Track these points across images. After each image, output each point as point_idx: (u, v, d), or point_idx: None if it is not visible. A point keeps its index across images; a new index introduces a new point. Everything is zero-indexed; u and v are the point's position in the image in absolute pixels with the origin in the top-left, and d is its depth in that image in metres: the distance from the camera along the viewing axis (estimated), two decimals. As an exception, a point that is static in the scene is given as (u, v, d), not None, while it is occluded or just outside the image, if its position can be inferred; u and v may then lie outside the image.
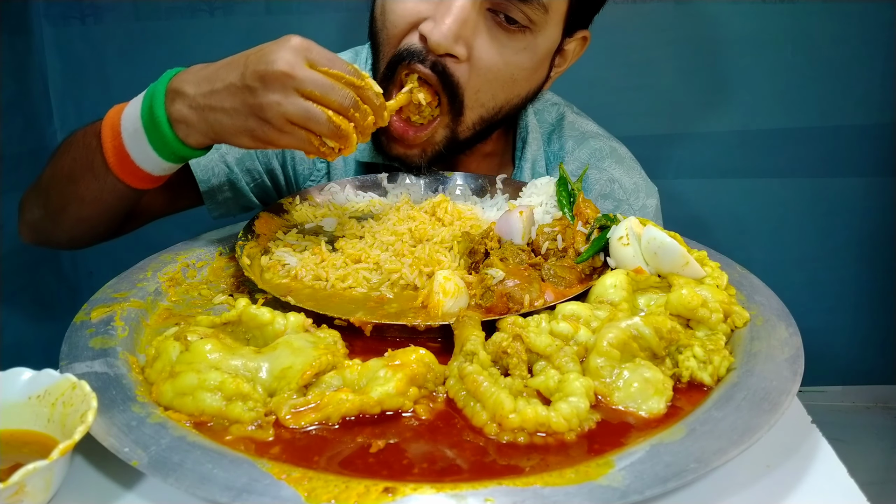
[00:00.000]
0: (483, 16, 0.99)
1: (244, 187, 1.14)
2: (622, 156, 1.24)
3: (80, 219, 1.03)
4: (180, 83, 0.87)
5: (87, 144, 0.96)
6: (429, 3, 0.98)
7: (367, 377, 0.66)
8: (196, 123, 0.86)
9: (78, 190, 0.98)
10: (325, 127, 0.83)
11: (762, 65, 1.96)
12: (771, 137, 2.03)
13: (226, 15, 1.85)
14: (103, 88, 1.87)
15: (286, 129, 0.83)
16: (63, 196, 1.01)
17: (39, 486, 0.54)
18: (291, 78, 0.81)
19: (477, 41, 0.99)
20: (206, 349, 0.66)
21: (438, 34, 0.96)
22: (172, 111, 0.87)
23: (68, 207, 1.02)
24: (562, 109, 1.27)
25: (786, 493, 0.59)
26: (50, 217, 1.05)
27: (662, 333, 0.70)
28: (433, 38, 0.96)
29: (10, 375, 0.62)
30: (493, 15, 0.99)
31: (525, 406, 0.62)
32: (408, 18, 1.00)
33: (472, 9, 0.97)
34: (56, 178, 1.02)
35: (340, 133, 0.84)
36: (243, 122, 0.84)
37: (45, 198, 1.05)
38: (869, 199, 2.10)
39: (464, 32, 0.97)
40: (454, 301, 0.81)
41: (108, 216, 1.03)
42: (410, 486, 0.54)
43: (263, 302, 0.76)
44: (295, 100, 0.82)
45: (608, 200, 1.19)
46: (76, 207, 1.01)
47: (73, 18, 1.84)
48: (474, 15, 0.98)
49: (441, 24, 0.96)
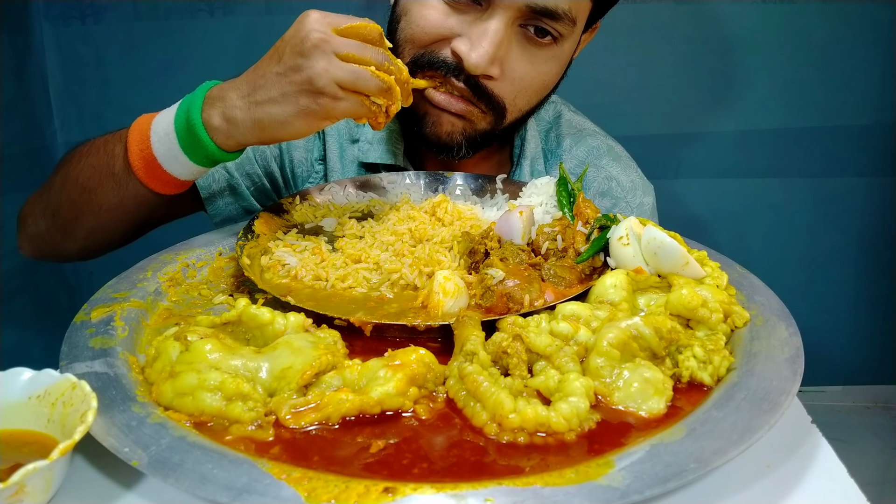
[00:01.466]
0: (515, 32, 1.00)
1: (244, 192, 1.14)
2: (619, 154, 1.24)
3: (96, 228, 1.02)
4: (220, 91, 0.89)
5: (108, 152, 0.96)
6: (460, 20, 0.99)
7: (367, 377, 0.66)
8: (241, 122, 0.87)
9: (95, 198, 0.98)
10: (372, 83, 0.85)
11: (762, 65, 1.96)
12: (771, 137, 2.03)
13: (226, 15, 1.85)
14: (103, 88, 1.87)
15: (340, 95, 0.84)
16: (77, 205, 1.01)
17: (39, 486, 0.54)
18: (329, 44, 0.83)
19: (509, 58, 1.01)
20: (206, 349, 0.66)
21: (477, 58, 0.97)
22: (209, 116, 0.88)
23: (82, 217, 1.01)
24: (558, 108, 1.27)
25: (786, 493, 0.59)
26: (59, 228, 1.04)
27: (662, 333, 0.70)
28: (471, 61, 0.98)
29: (10, 375, 0.62)
30: (523, 30, 1.01)
31: (525, 406, 0.62)
32: (439, 30, 1.01)
33: (505, 31, 0.98)
34: (68, 187, 1.01)
35: (386, 86, 0.86)
36: (295, 104, 0.84)
37: (54, 208, 1.04)
38: (869, 199, 2.10)
39: (499, 54, 0.99)
40: (454, 301, 0.81)
41: (126, 224, 1.02)
42: (410, 486, 0.54)
43: (263, 302, 0.76)
44: (339, 64, 0.83)
45: (606, 198, 1.20)
46: (92, 216, 1.00)
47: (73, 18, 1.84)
48: (508, 37, 0.99)
49: (478, 48, 0.97)
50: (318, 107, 0.84)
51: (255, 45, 1.84)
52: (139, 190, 0.94)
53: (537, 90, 1.08)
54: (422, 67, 1.02)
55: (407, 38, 1.04)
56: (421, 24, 1.01)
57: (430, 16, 1.01)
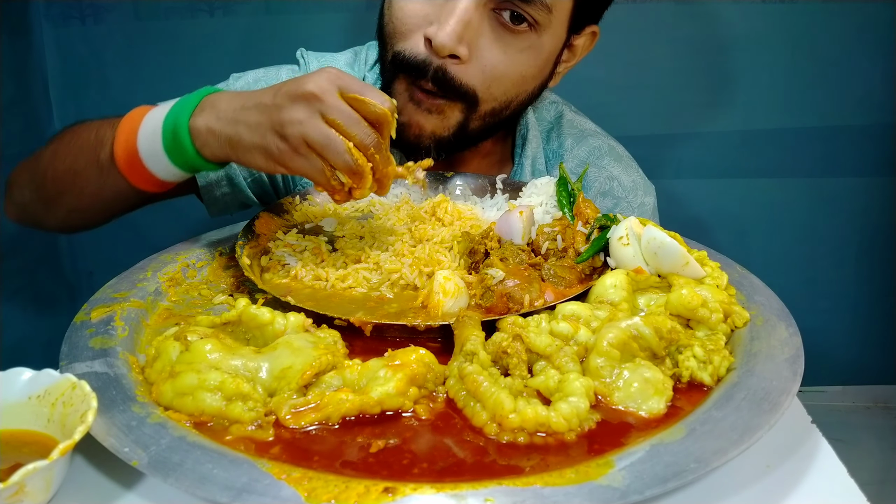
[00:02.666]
0: (487, 16, 1.00)
1: (241, 183, 1.13)
2: (620, 154, 1.25)
3: (75, 209, 1.02)
4: (215, 98, 0.88)
5: (98, 137, 0.95)
6: (434, 6, 0.99)
7: (367, 377, 0.66)
8: (218, 134, 0.86)
9: (77, 181, 0.97)
10: (340, 158, 0.81)
11: (762, 65, 1.95)
12: (771, 137, 2.03)
13: (226, 15, 1.85)
14: (103, 88, 1.87)
15: (301, 151, 0.81)
16: (60, 184, 1.00)
17: (39, 486, 0.54)
18: (319, 100, 0.80)
19: (480, 41, 1.00)
20: (206, 349, 0.66)
21: (443, 36, 0.97)
22: (196, 121, 0.86)
23: (64, 197, 1.01)
24: (560, 108, 1.27)
25: (786, 493, 0.59)
26: (42, 202, 1.04)
27: (662, 333, 0.70)
28: (437, 40, 0.97)
29: (10, 375, 0.62)
30: (496, 15, 1.00)
31: (525, 406, 0.62)
32: (414, 19, 1.01)
33: (474, 10, 0.98)
34: (56, 165, 1.01)
35: (356, 169, 0.82)
36: (262, 138, 0.83)
37: (39, 182, 1.03)
38: (869, 199, 2.10)
39: (467, 33, 0.98)
40: (454, 301, 0.81)
41: (104, 211, 1.03)
42: (410, 486, 0.54)
43: (263, 302, 0.76)
44: (318, 123, 0.80)
45: (607, 198, 1.20)
46: (73, 198, 1.00)
47: (73, 18, 1.83)
48: (477, 16, 0.98)
49: (445, 26, 0.97)
50: (277, 151, 0.83)
51: (255, 45, 1.85)
52: (119, 182, 0.93)
53: (514, 81, 1.05)
54: (400, 68, 1.02)
55: (389, 33, 1.04)
56: (398, 15, 1.02)
57: (407, 6, 1.01)
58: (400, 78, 1.03)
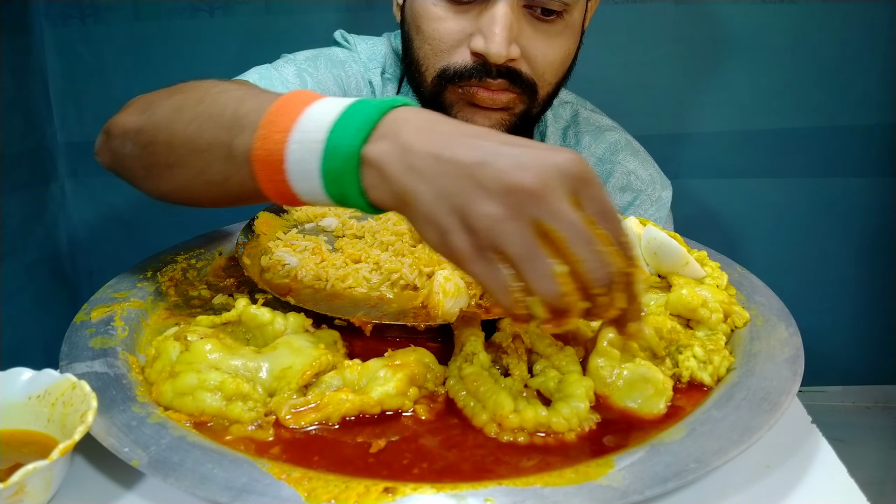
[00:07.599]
0: (522, 14, 1.01)
1: None
2: (637, 149, 1.27)
3: (184, 188, 0.77)
4: (401, 123, 0.60)
5: (238, 115, 0.68)
6: (469, 19, 1.01)
7: (367, 377, 0.66)
8: (390, 181, 0.59)
9: (197, 160, 0.72)
10: (544, 283, 0.54)
11: (762, 65, 1.95)
12: (771, 137, 2.03)
13: (226, 15, 1.85)
14: (103, 88, 1.87)
15: (484, 256, 0.56)
16: (175, 154, 0.75)
17: (39, 486, 0.54)
18: (538, 201, 0.54)
19: (523, 38, 1.02)
20: (206, 349, 0.66)
21: (495, 46, 0.98)
22: (370, 151, 0.59)
23: (174, 171, 0.76)
24: (575, 107, 1.30)
25: (786, 493, 0.59)
26: (144, 166, 0.80)
27: (662, 333, 0.70)
28: (491, 52, 0.98)
29: (10, 375, 0.62)
30: (529, 11, 1.02)
31: (525, 406, 0.62)
32: (453, 35, 1.02)
33: (512, 12, 0.99)
34: (174, 128, 0.74)
35: (561, 305, 0.55)
36: (441, 214, 0.57)
37: (148, 139, 0.78)
38: (869, 200, 2.10)
39: (512, 35, 1.00)
40: (454, 301, 0.81)
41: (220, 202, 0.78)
42: (410, 486, 0.54)
43: (263, 302, 0.76)
44: (523, 228, 0.54)
45: (627, 192, 1.22)
46: (185, 176, 0.75)
47: (73, 18, 1.83)
48: (515, 16, 1.00)
49: (493, 36, 0.98)
50: (454, 242, 0.57)
51: (256, 45, 1.85)
52: (246, 181, 0.68)
53: (561, 62, 1.08)
54: (451, 80, 1.03)
55: (426, 55, 1.05)
56: (435, 36, 1.02)
57: (441, 26, 1.02)
58: (449, 88, 1.04)
